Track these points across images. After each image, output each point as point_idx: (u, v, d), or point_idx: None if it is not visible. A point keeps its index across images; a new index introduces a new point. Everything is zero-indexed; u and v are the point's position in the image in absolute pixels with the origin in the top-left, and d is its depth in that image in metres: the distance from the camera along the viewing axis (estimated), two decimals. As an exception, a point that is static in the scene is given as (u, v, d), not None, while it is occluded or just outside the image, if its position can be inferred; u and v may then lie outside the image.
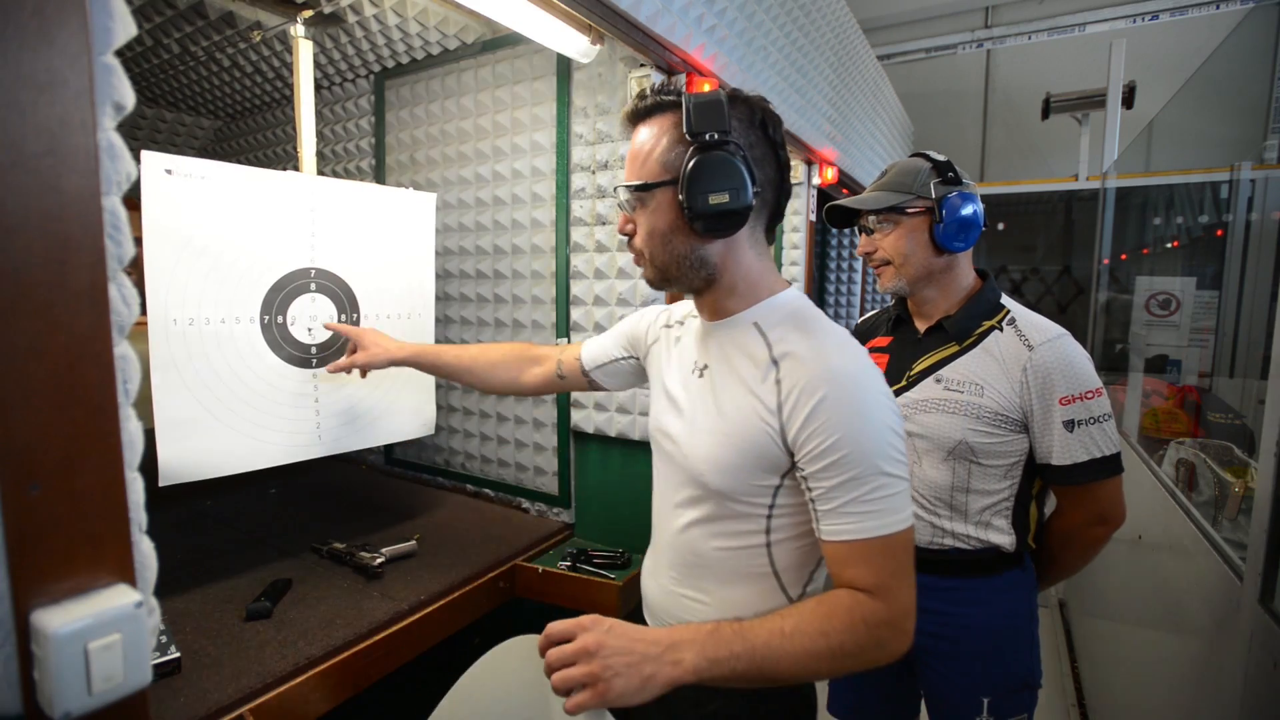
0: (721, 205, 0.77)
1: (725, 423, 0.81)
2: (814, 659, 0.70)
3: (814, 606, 0.73)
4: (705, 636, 0.70)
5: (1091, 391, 1.10)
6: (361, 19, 1.64)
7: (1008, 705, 1.21)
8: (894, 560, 0.74)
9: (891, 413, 0.75)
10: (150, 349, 1.09)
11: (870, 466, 0.72)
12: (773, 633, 0.70)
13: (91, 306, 0.51)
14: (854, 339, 0.81)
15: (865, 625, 0.71)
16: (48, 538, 0.50)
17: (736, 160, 0.77)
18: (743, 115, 0.81)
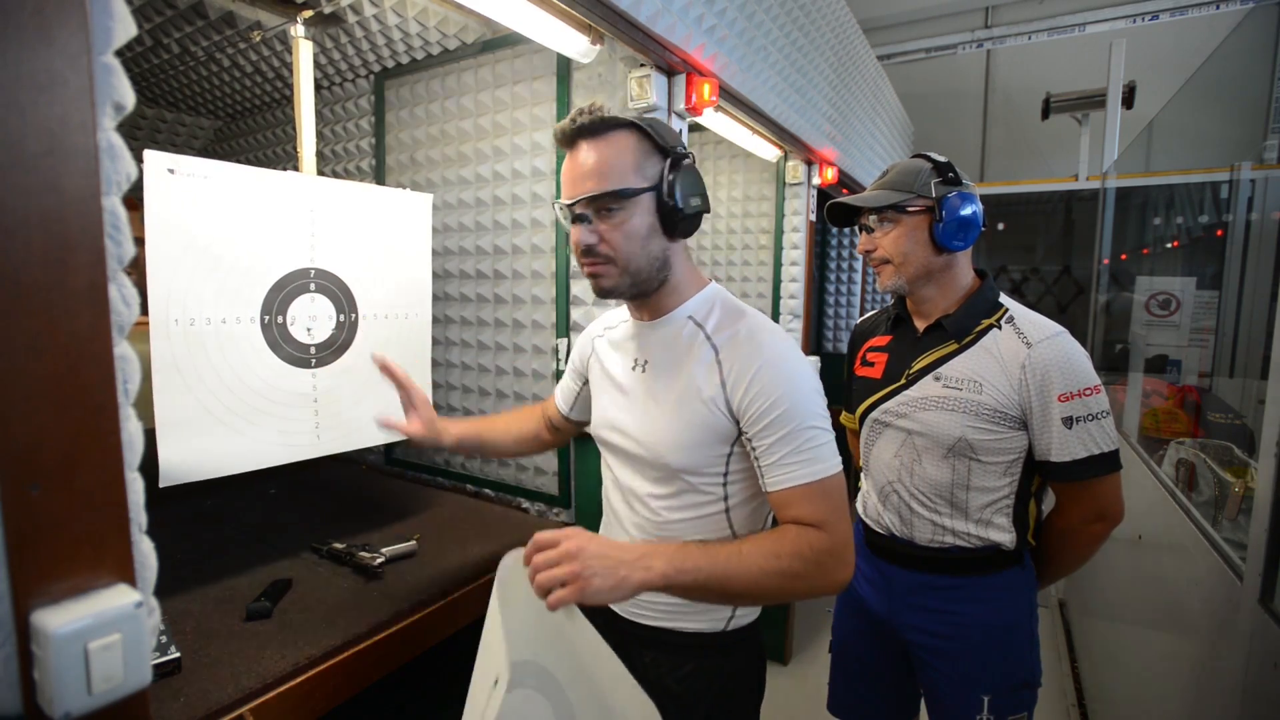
0: (696, 208, 0.90)
1: (675, 407, 0.91)
2: (766, 576, 0.80)
3: (767, 534, 0.85)
4: (674, 551, 0.80)
5: (1090, 389, 1.11)
6: (361, 19, 1.64)
7: (1008, 703, 1.21)
8: (830, 500, 0.85)
9: (814, 377, 0.89)
10: (151, 349, 1.09)
11: (803, 422, 0.84)
12: (731, 553, 0.81)
13: (91, 306, 0.51)
14: (771, 320, 0.94)
15: (811, 550, 0.82)
16: (48, 538, 0.50)
17: (696, 170, 0.92)
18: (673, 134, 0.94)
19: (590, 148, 0.87)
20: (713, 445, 0.90)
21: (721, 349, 0.90)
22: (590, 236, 0.89)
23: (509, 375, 1.83)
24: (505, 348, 1.84)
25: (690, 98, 1.46)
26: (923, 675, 1.30)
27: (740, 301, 0.97)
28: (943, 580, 1.22)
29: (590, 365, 1.11)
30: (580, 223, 0.89)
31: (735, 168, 2.71)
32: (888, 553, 1.29)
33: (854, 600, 1.39)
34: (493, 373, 1.87)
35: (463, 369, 1.95)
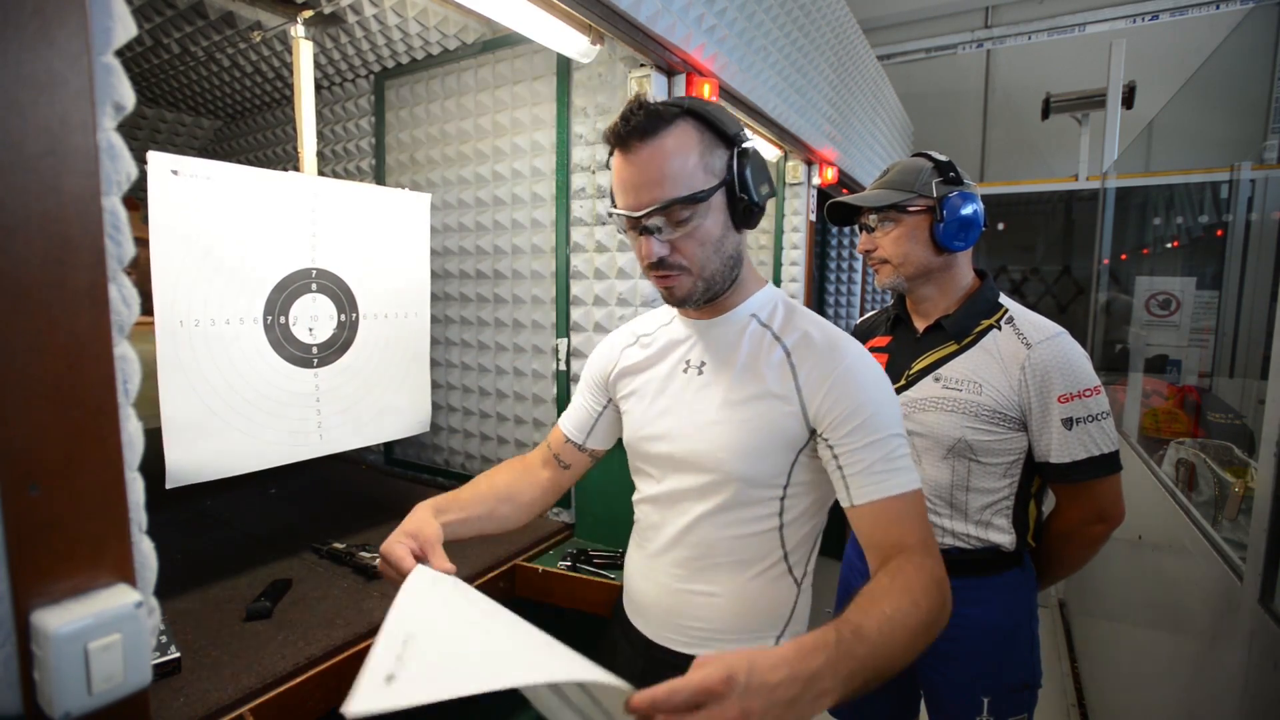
0: (767, 195, 0.83)
1: (739, 409, 0.84)
2: (914, 636, 0.69)
3: (890, 583, 0.71)
4: (833, 651, 0.61)
5: (1090, 389, 1.10)
6: (361, 19, 1.64)
7: (1008, 704, 1.21)
8: (925, 517, 0.78)
9: (892, 386, 0.83)
10: (157, 351, 1.09)
11: (889, 429, 0.78)
12: (881, 621, 0.66)
13: (91, 306, 0.51)
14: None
15: (936, 585, 0.73)
16: (48, 538, 0.50)
17: (760, 154, 0.83)
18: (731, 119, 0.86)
19: (650, 150, 0.77)
20: (779, 451, 0.83)
21: (794, 350, 0.83)
22: (662, 249, 0.80)
23: (509, 375, 1.83)
24: (505, 348, 1.83)
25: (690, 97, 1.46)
26: (923, 676, 1.29)
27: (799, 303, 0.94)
28: (943, 580, 1.22)
29: (617, 379, 0.99)
30: (648, 234, 0.79)
31: (735, 168, 2.71)
32: (888, 553, 1.29)
33: (854, 600, 1.39)
34: (493, 373, 1.87)
35: (463, 369, 1.95)
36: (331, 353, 1.39)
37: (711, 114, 0.80)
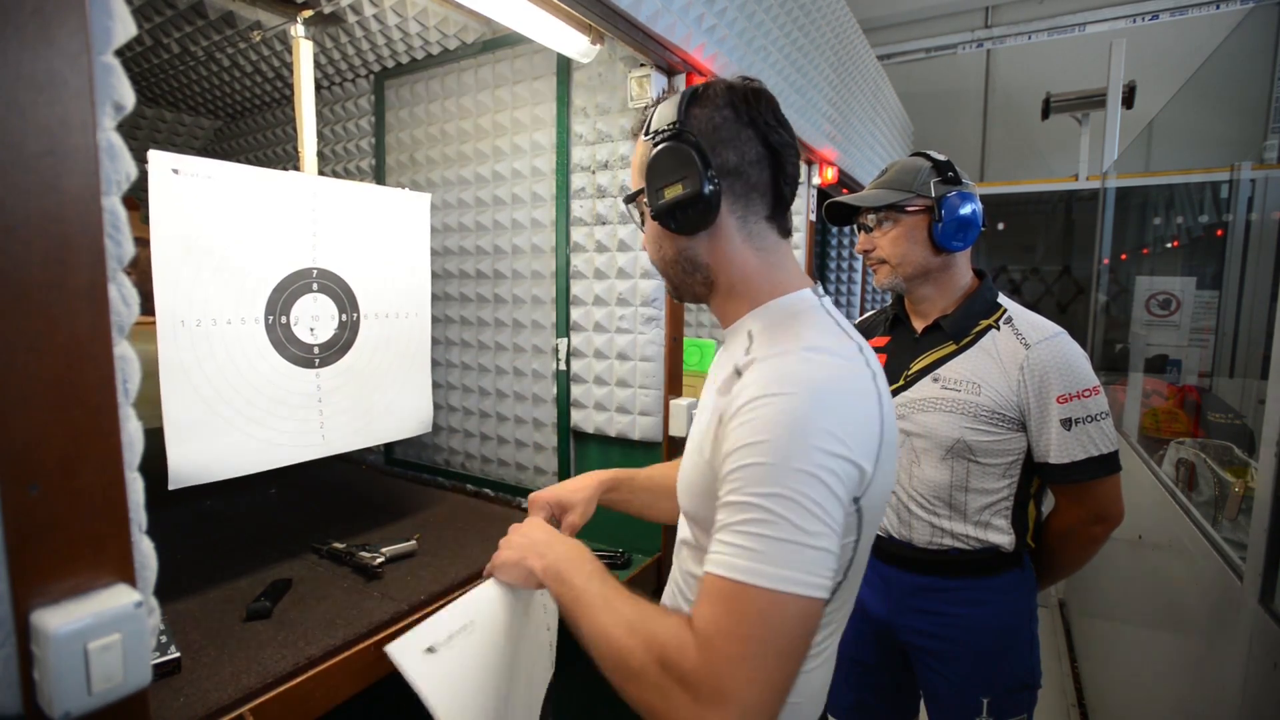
0: (676, 196, 0.73)
1: (694, 440, 0.77)
2: (608, 644, 0.63)
3: (654, 609, 0.64)
4: (571, 559, 0.73)
5: (1089, 390, 1.10)
6: (361, 19, 1.64)
7: (1007, 705, 1.21)
8: (738, 620, 0.55)
9: (829, 454, 0.59)
10: (159, 351, 1.09)
11: (767, 492, 0.57)
12: (604, 596, 0.66)
13: (91, 306, 0.51)
14: (845, 355, 0.68)
15: (659, 665, 0.57)
16: (48, 538, 0.50)
17: (684, 146, 0.73)
18: (706, 101, 0.76)
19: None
20: (707, 492, 0.69)
21: (745, 371, 0.68)
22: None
23: (509, 375, 1.83)
24: (505, 348, 1.83)
25: (690, 98, 1.46)
26: (922, 677, 1.30)
27: (821, 316, 0.74)
28: (941, 582, 1.22)
29: None
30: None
31: (735, 168, 2.71)
32: (886, 555, 1.29)
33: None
34: (493, 373, 1.87)
35: (463, 369, 1.95)
36: (333, 353, 1.39)
37: (653, 110, 0.78)
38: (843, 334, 0.73)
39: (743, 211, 0.77)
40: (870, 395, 0.66)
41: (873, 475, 0.64)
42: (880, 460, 0.65)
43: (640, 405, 1.55)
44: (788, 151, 0.77)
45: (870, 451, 0.64)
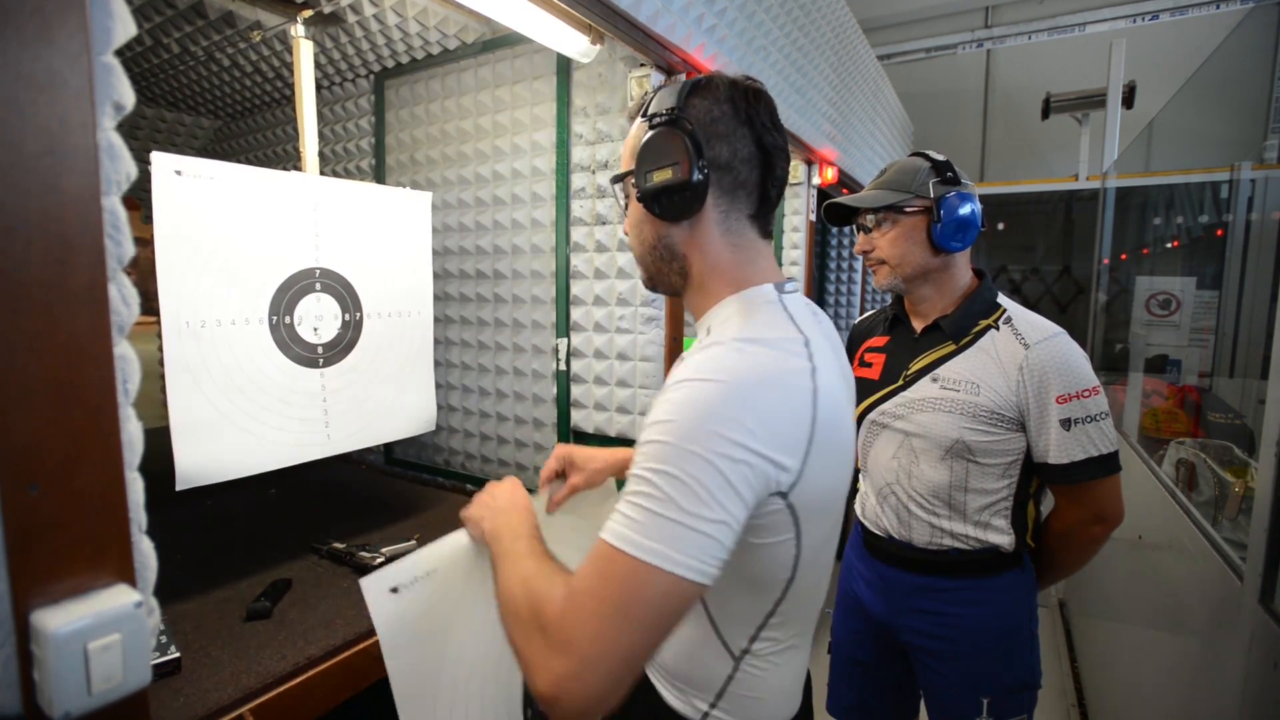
0: (665, 181, 0.73)
1: None
2: (503, 592, 0.68)
3: (554, 567, 0.68)
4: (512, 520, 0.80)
5: (1088, 390, 1.10)
6: (361, 19, 1.64)
7: (1007, 705, 1.21)
8: (604, 581, 0.58)
9: (733, 443, 0.59)
10: (165, 351, 1.09)
11: (659, 469, 0.59)
12: (518, 553, 0.72)
13: (91, 306, 0.51)
14: (783, 348, 0.68)
15: (532, 612, 0.61)
16: (48, 538, 0.50)
17: (679, 133, 0.73)
18: (708, 95, 0.76)
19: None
20: None
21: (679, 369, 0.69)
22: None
23: (509, 375, 1.83)
24: (505, 348, 1.84)
25: (690, 98, 1.46)
26: (922, 677, 1.30)
27: (774, 310, 0.74)
28: (941, 582, 1.22)
29: None
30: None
31: (735, 168, 2.71)
32: (886, 555, 1.29)
33: (852, 602, 1.39)
34: (493, 373, 1.87)
35: (463, 369, 1.95)
36: (337, 352, 1.39)
37: (653, 95, 0.79)
38: (792, 327, 0.71)
39: (727, 206, 0.77)
40: (802, 391, 0.65)
41: (801, 472, 0.64)
42: (811, 457, 0.64)
43: (640, 405, 1.55)
44: (779, 154, 0.78)
45: (792, 447, 0.63)
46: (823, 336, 0.75)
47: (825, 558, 0.77)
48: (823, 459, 0.66)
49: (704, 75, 0.79)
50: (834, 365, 0.72)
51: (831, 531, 0.77)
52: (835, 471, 0.70)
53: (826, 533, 0.74)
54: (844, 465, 0.72)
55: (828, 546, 0.77)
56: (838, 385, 0.71)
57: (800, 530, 0.69)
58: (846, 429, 0.73)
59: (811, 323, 0.75)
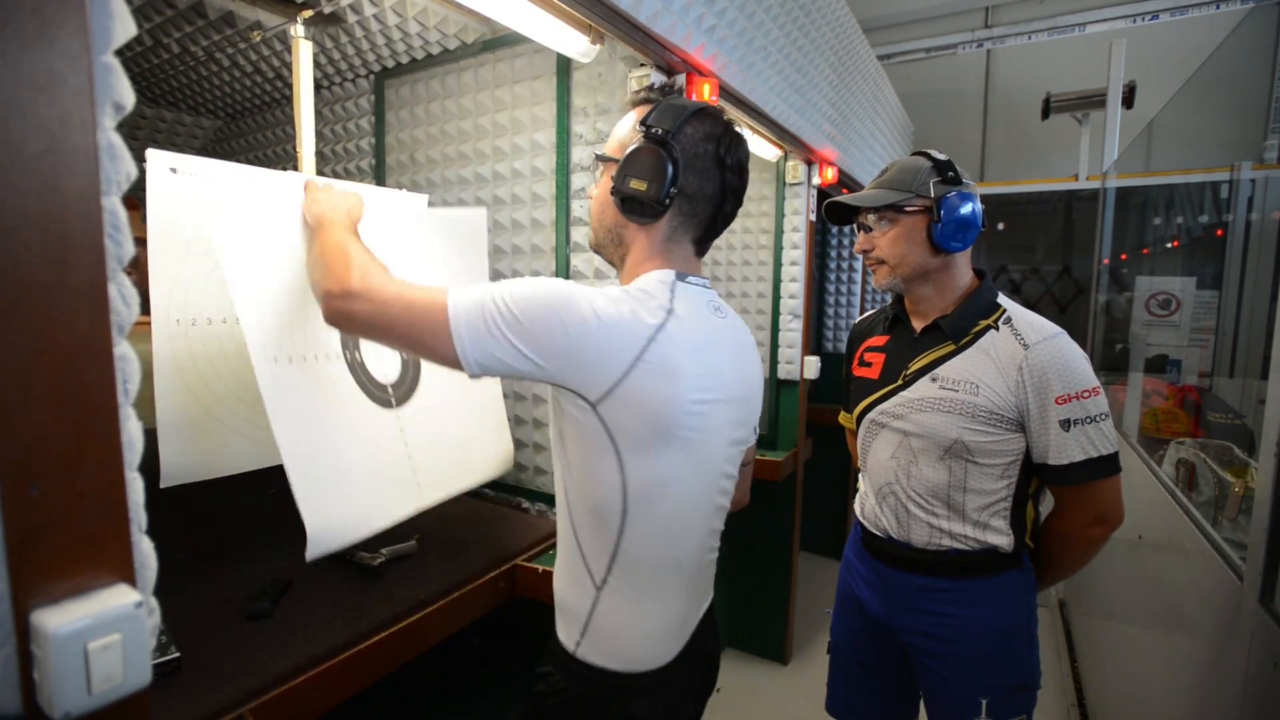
0: (636, 191, 0.87)
1: None
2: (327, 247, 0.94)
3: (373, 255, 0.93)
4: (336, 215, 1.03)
5: (1088, 390, 1.10)
6: (361, 19, 1.64)
7: (1006, 706, 1.21)
8: (417, 310, 0.80)
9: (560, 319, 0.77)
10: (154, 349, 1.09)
11: (503, 288, 0.79)
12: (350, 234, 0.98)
13: (91, 306, 0.51)
14: (640, 303, 0.83)
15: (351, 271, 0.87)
16: (48, 538, 0.50)
17: (665, 157, 0.86)
18: (700, 129, 0.88)
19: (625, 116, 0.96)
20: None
21: None
22: (592, 189, 1.00)
23: (509, 375, 1.83)
24: (505, 348, 1.83)
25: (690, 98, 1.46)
26: (921, 677, 1.30)
27: (664, 287, 0.87)
28: (940, 583, 1.22)
29: None
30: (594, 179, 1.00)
31: (735, 168, 2.71)
32: (885, 555, 1.29)
33: (852, 602, 1.39)
34: (493, 373, 1.87)
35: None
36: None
37: (658, 105, 0.90)
38: (666, 299, 0.85)
39: (678, 224, 0.91)
40: (635, 334, 0.79)
41: (610, 392, 0.78)
42: (624, 385, 0.78)
43: (640, 405, 1.55)
44: (732, 201, 0.92)
45: (601, 363, 0.77)
46: (698, 319, 0.87)
47: (676, 522, 0.88)
48: (640, 395, 0.79)
49: (706, 106, 0.92)
50: (691, 343, 0.84)
51: (678, 496, 0.87)
52: (656, 413, 0.80)
53: (661, 479, 0.84)
54: (666, 415, 0.81)
55: (674, 506, 0.87)
56: (684, 358, 0.82)
57: (620, 455, 0.82)
58: (683, 393, 0.82)
59: (695, 308, 0.88)
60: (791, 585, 2.68)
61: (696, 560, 0.94)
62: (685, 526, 0.90)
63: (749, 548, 2.74)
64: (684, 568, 0.92)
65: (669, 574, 0.90)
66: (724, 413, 0.90)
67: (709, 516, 0.95)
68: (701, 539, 0.94)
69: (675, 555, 0.90)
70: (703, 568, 0.97)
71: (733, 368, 0.93)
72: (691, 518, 0.91)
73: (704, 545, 0.96)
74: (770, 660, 2.74)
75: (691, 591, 0.95)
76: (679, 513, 0.88)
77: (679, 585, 0.92)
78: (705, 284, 0.95)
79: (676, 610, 0.93)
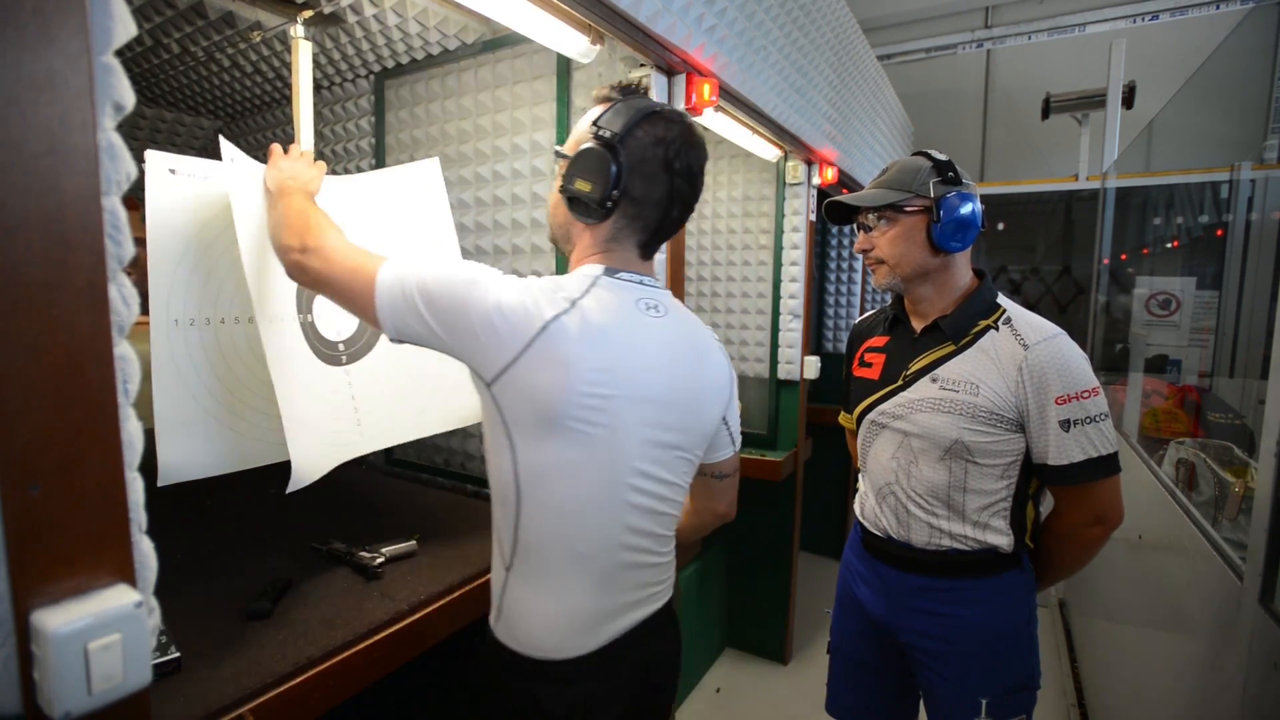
0: (579, 192, 0.88)
1: None
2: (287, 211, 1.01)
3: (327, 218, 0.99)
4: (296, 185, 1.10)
5: (1088, 391, 1.10)
6: (361, 19, 1.64)
7: (1006, 706, 1.21)
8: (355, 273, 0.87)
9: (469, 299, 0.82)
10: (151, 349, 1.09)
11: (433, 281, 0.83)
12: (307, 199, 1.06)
13: (91, 306, 0.51)
14: (551, 293, 0.85)
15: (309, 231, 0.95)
16: (48, 538, 0.50)
17: (610, 160, 0.86)
18: (651, 132, 0.88)
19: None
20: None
21: None
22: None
23: (509, 375, 1.83)
24: (505, 348, 1.83)
25: (690, 98, 1.46)
26: (921, 677, 1.30)
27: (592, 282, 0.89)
28: (940, 583, 1.22)
29: None
30: None
31: (735, 168, 2.71)
32: (885, 555, 1.29)
33: (852, 602, 1.39)
34: (493, 373, 1.87)
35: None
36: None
37: (612, 106, 0.91)
38: (578, 292, 0.86)
39: (622, 226, 0.91)
40: (530, 323, 0.81)
41: (502, 375, 0.82)
42: (514, 369, 0.81)
43: (640, 405, 1.55)
44: (679, 204, 0.92)
45: (497, 343, 0.81)
46: (614, 314, 0.87)
47: (572, 514, 0.87)
48: (527, 382, 0.81)
49: (659, 109, 0.91)
50: (592, 337, 0.84)
51: (571, 487, 0.86)
52: (542, 401, 0.82)
53: (550, 467, 0.85)
54: (552, 404, 0.82)
55: (566, 497, 0.87)
56: (578, 350, 0.82)
57: (511, 438, 0.85)
58: (573, 384, 0.82)
59: (616, 303, 0.88)
60: (791, 585, 2.68)
61: (609, 559, 0.91)
62: (585, 520, 0.88)
63: (749, 548, 2.74)
64: (589, 562, 0.90)
65: (569, 565, 0.89)
66: (636, 412, 0.88)
67: (620, 514, 0.90)
68: (611, 537, 0.91)
69: (575, 548, 0.89)
70: (622, 568, 0.93)
71: (659, 368, 0.90)
72: (594, 513, 0.88)
73: (619, 544, 0.92)
74: (770, 660, 2.74)
75: (604, 590, 0.92)
76: (575, 505, 0.87)
77: (584, 580, 0.90)
78: (643, 281, 0.94)
79: (584, 605, 0.91)
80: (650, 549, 0.97)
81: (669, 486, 0.96)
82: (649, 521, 0.95)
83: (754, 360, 2.75)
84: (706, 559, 2.56)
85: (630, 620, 0.96)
